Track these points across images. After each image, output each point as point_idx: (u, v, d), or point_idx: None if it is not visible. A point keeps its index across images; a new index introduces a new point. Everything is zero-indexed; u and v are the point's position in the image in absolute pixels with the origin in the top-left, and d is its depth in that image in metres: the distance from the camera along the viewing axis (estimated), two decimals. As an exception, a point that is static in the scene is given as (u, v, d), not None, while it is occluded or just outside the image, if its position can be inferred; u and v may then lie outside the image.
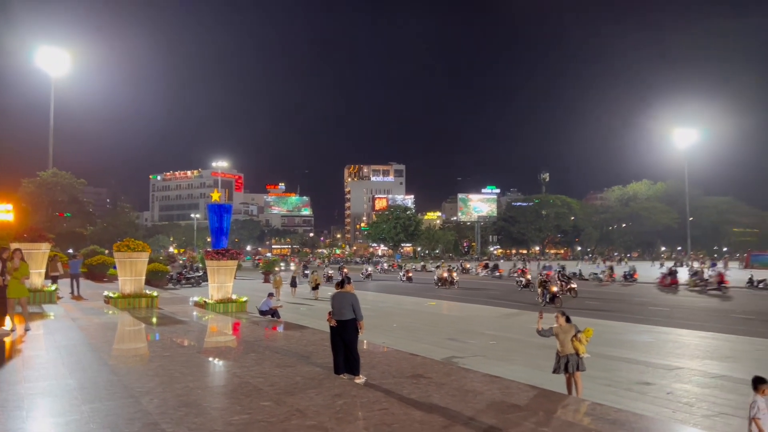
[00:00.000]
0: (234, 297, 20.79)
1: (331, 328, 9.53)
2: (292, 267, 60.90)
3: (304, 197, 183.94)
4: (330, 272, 46.82)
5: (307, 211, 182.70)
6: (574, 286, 29.62)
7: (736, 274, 49.42)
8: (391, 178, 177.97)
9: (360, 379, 9.33)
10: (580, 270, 50.68)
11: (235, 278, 21.27)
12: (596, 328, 17.79)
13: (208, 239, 27.82)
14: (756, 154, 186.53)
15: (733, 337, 16.68)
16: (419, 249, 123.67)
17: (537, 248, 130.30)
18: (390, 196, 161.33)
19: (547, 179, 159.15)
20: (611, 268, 47.33)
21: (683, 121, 75.64)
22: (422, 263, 76.70)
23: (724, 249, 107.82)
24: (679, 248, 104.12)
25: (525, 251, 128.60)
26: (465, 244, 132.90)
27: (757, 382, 6.26)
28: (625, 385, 10.73)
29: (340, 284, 9.85)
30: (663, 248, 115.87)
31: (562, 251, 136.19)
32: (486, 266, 59.59)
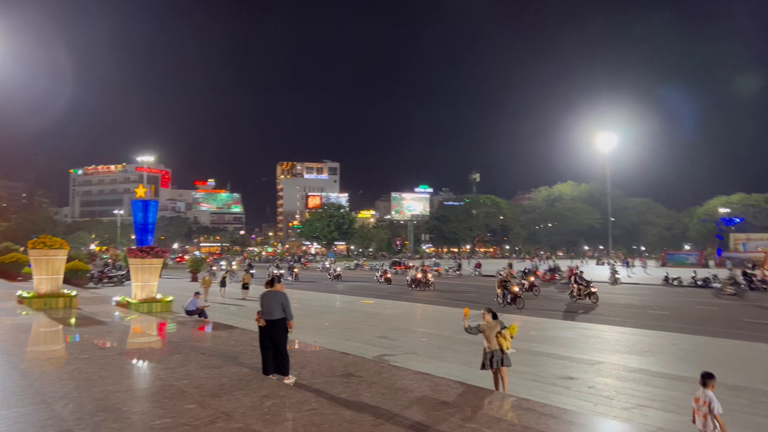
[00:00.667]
0: (159, 296, 20.08)
1: (260, 327, 9.32)
2: (235, 265, 59.51)
3: (235, 194, 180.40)
4: (276, 272, 43.75)
5: (237, 209, 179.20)
6: (594, 290, 26.59)
7: (654, 271, 52.06)
8: (325, 175, 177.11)
9: (290, 380, 9.17)
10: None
11: (160, 277, 20.53)
12: (524, 325, 18.33)
13: (133, 237, 26.76)
14: (673, 159, 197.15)
15: (650, 332, 17.49)
16: (353, 247, 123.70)
17: (468, 247, 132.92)
18: (324, 194, 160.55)
19: (478, 179, 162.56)
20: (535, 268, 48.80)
21: (607, 124, 78.90)
22: (355, 261, 76.67)
23: (642, 248, 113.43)
24: (601, 247, 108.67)
25: (456, 250, 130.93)
26: (398, 243, 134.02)
27: (706, 378, 6.26)
28: (551, 380, 11.03)
29: (270, 283, 9.65)
30: (586, 247, 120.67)
31: (492, 250, 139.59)
32: (479, 265, 55.54)
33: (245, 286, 28.32)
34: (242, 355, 11.52)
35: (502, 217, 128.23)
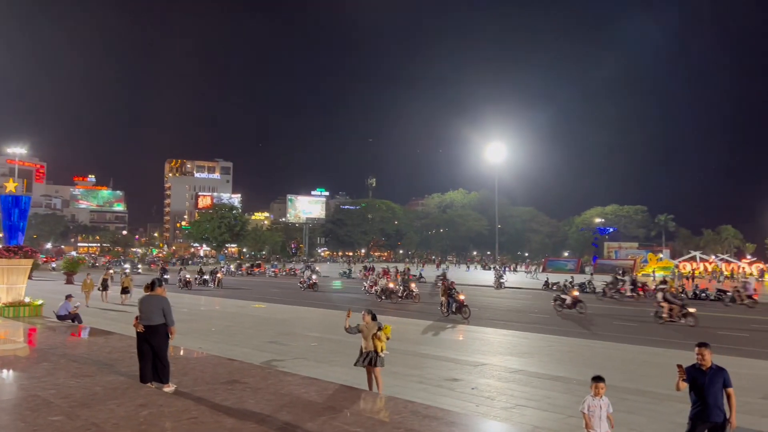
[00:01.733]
0: (27, 300, 18.54)
1: (138, 333, 8.81)
2: (127, 268, 55.68)
3: (118, 191, 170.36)
4: (188, 276, 38.92)
5: (120, 207, 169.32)
6: (692, 310, 21.27)
7: (541, 277, 54.84)
8: (217, 175, 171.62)
9: (169, 388, 8.74)
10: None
11: (30, 279, 18.94)
12: (411, 328, 18.68)
13: (0, 235, 24.52)
14: (555, 170, 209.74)
15: (530, 335, 18.40)
16: (245, 250, 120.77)
17: (362, 251, 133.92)
18: (215, 194, 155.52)
19: (374, 184, 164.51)
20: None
21: (496, 135, 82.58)
22: (247, 264, 74.80)
23: (526, 254, 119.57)
24: (488, 253, 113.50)
25: (351, 253, 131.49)
26: (293, 246, 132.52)
27: (592, 379, 6.52)
28: (436, 381, 11.28)
29: (150, 286, 9.16)
30: (475, 252, 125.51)
31: (386, 254, 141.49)
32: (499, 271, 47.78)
33: (125, 290, 26.70)
34: (119, 362, 10.85)
35: (396, 222, 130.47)
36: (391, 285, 30.26)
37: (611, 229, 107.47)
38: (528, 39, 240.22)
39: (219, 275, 40.55)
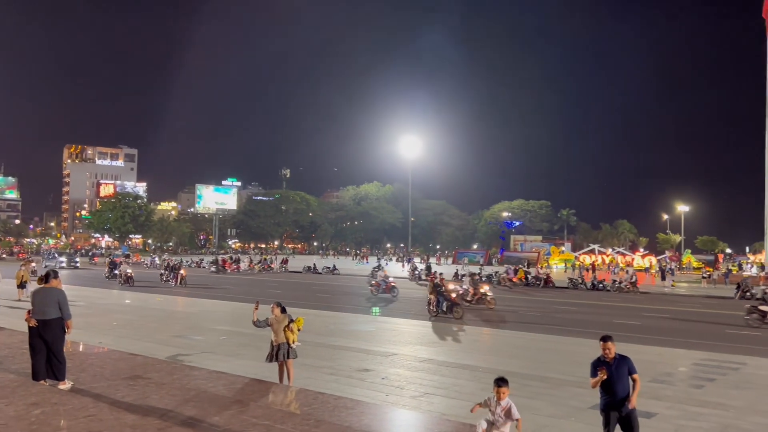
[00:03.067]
0: None
1: (30, 328, 8.28)
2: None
3: (10, 178, 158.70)
4: (130, 271, 33.66)
5: (12, 194, 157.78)
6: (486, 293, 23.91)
7: (446, 268, 56.12)
8: (120, 162, 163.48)
9: (65, 385, 8.29)
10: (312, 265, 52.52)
11: None
12: (324, 320, 18.66)
13: None
14: (465, 164, 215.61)
15: (438, 324, 18.85)
16: (150, 241, 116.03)
17: (276, 243, 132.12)
18: (119, 182, 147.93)
19: (288, 175, 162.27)
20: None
21: (410, 128, 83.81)
22: (151, 256, 71.83)
23: (437, 246, 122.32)
24: (402, 245, 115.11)
25: (264, 245, 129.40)
26: (202, 237, 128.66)
27: (495, 381, 6.14)
28: (347, 372, 11.34)
29: (45, 278, 8.63)
30: (389, 245, 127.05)
31: (300, 246, 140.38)
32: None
33: (22, 285, 24.79)
34: (8, 359, 10.16)
35: (311, 214, 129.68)
36: (452, 287, 22.83)
37: (517, 223, 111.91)
38: (443, 37, 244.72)
39: (183, 272, 33.41)
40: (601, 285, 35.99)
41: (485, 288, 24.51)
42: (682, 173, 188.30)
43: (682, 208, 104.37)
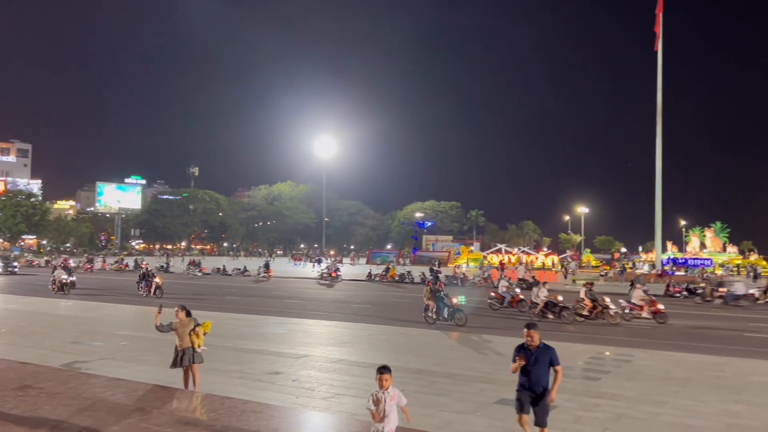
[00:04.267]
0: None
1: None
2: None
3: None
4: (65, 277, 29.33)
5: None
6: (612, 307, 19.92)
7: (359, 269, 56.35)
8: (12, 158, 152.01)
9: (-58, 399, 7.57)
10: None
11: None
12: (234, 323, 18.21)
13: None
14: (379, 165, 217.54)
15: (352, 324, 18.88)
16: (45, 242, 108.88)
17: (183, 244, 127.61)
18: (10, 179, 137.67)
19: (197, 173, 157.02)
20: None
21: (325, 128, 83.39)
22: (59, 258, 67.12)
23: (351, 247, 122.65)
24: (316, 245, 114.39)
25: (170, 246, 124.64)
26: (103, 238, 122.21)
27: (377, 371, 5.95)
28: (257, 376, 11.10)
29: None
30: (302, 245, 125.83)
31: (209, 247, 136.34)
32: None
33: None
34: None
35: (221, 214, 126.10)
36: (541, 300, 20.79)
37: (429, 223, 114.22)
38: (359, 40, 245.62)
39: (158, 279, 28.39)
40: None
41: (607, 300, 20.17)
42: (583, 176, 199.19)
43: (582, 209, 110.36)
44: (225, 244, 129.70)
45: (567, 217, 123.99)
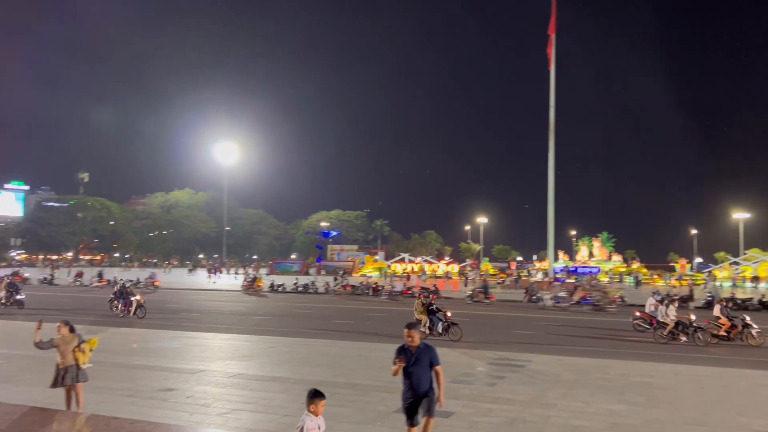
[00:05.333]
0: None
1: None
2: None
3: None
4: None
5: None
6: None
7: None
8: None
9: None
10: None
11: None
12: (124, 338, 17.24)
13: None
14: (283, 173, 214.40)
15: (252, 337, 18.41)
16: None
17: (70, 254, 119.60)
18: None
19: (87, 179, 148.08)
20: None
21: (226, 134, 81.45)
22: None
23: (254, 257, 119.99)
24: (216, 255, 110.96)
25: (55, 257, 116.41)
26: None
27: (311, 396, 5.38)
28: (148, 393, 10.54)
29: None
30: (201, 255, 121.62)
31: (99, 257, 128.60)
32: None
33: None
34: None
35: (112, 223, 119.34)
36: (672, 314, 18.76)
37: (335, 233, 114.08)
38: (262, 47, 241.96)
39: (138, 297, 24.53)
40: (409, 291, 38.01)
41: (747, 319, 18.62)
42: (483, 187, 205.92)
43: (482, 219, 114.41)
44: (117, 255, 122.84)
45: (468, 227, 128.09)
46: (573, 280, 49.73)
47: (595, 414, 9.39)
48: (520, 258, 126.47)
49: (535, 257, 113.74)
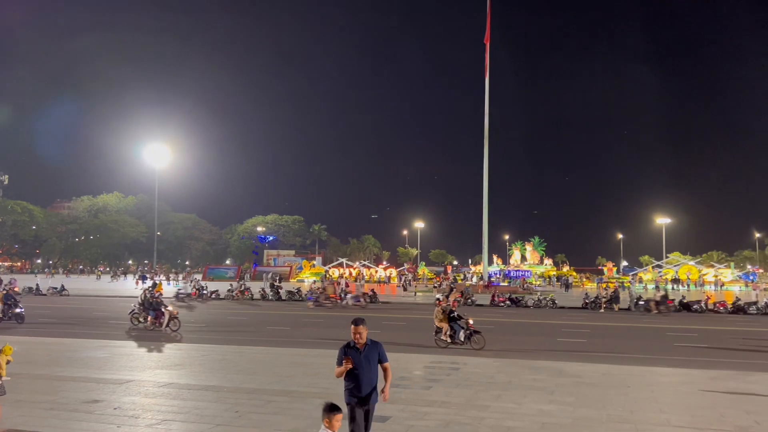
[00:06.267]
0: None
1: None
2: None
3: None
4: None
5: None
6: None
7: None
8: None
9: None
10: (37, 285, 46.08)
11: None
12: (46, 347, 16.41)
13: None
14: (218, 176, 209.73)
15: (184, 345, 17.90)
16: None
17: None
18: None
19: (6, 182, 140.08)
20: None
21: (157, 136, 79.09)
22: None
23: (186, 262, 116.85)
24: (146, 261, 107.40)
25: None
26: None
27: (328, 410, 5.23)
28: (72, 405, 10.05)
29: None
30: (130, 261, 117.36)
31: (20, 263, 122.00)
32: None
33: None
34: None
35: (35, 227, 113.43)
36: None
37: (271, 238, 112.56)
38: (197, 43, 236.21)
39: (171, 308, 22.01)
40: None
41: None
42: (420, 192, 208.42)
43: (419, 224, 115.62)
44: (39, 261, 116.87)
45: (405, 232, 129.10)
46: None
47: (527, 415, 9.62)
48: (455, 262, 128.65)
49: (470, 261, 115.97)
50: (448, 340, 17.55)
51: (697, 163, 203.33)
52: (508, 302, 36.58)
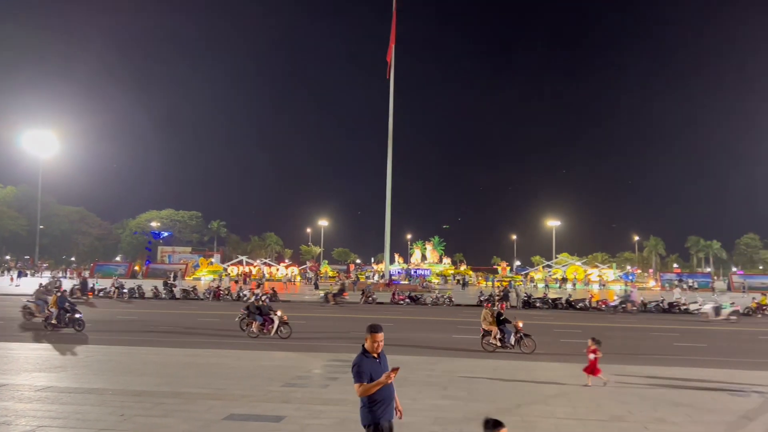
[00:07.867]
0: None
1: None
2: None
3: None
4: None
5: None
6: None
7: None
8: None
9: None
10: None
11: None
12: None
13: None
14: (110, 169, 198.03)
15: (65, 346, 16.76)
16: None
17: None
18: None
19: None
20: None
21: (41, 123, 73.59)
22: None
23: (72, 258, 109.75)
24: (27, 257, 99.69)
25: None
26: None
27: (492, 427, 4.33)
28: (-69, 415, 9.13)
29: None
30: (8, 256, 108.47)
31: None
32: None
33: None
34: None
35: None
36: None
37: (166, 234, 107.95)
38: (86, 27, 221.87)
39: (281, 314, 20.17)
40: (244, 295, 37.11)
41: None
42: (323, 190, 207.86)
43: (323, 222, 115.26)
44: None
45: (309, 230, 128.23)
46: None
47: (421, 410, 9.81)
48: (358, 260, 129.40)
49: (373, 259, 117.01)
50: (498, 343, 16.93)
51: (586, 173, 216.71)
52: (407, 300, 37.26)
